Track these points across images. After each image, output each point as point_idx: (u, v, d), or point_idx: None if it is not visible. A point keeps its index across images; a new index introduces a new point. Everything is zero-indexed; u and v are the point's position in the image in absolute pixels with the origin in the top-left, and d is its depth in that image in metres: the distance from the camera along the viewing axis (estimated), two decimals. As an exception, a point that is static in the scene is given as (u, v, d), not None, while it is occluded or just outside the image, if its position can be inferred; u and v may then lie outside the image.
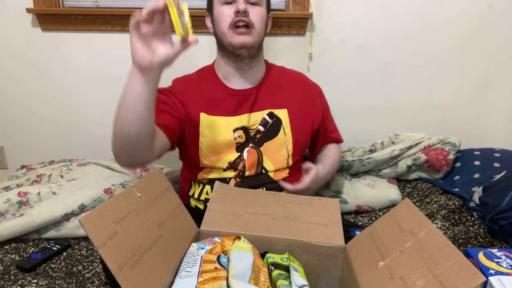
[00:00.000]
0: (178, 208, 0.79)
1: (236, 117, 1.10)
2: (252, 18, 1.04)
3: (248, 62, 1.11)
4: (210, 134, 1.08)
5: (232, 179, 1.09)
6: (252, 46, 1.06)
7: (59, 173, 1.43)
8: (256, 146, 1.10)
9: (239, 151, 1.09)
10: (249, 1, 1.05)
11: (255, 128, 1.11)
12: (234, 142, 1.09)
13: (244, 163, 1.09)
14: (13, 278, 0.94)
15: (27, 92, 1.69)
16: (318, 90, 1.25)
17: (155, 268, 0.63)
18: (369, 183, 1.39)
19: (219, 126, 1.09)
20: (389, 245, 0.68)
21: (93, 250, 1.09)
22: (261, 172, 1.10)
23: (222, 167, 1.09)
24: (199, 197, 1.12)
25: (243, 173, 1.09)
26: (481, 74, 1.55)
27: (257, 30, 1.06)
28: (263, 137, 1.11)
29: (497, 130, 1.62)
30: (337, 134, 1.30)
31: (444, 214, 1.22)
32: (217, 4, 1.07)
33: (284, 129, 1.12)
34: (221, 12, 1.05)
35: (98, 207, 0.58)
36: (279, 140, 1.12)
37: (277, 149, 1.11)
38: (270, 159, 1.11)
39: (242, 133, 1.10)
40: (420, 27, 1.50)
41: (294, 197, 0.92)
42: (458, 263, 0.53)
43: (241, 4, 1.02)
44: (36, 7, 1.56)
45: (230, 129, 1.09)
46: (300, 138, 1.15)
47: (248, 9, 1.03)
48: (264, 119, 1.12)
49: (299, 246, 0.79)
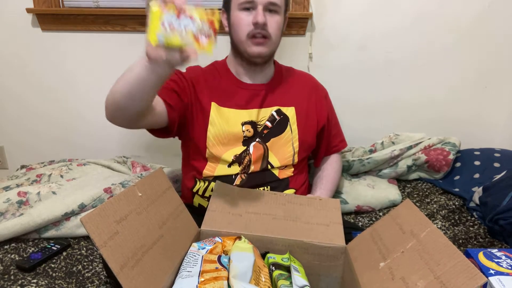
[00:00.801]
0: (179, 208, 0.79)
1: (245, 110, 1.11)
2: (270, 29, 1.04)
3: (260, 65, 1.13)
4: (220, 123, 1.09)
5: (238, 176, 1.09)
6: (267, 55, 1.09)
7: (59, 173, 1.43)
8: (262, 141, 1.12)
9: (245, 145, 1.10)
10: (268, 8, 1.04)
11: (263, 123, 1.12)
12: (241, 135, 1.10)
13: (250, 157, 1.10)
14: (13, 278, 0.93)
15: (27, 93, 1.69)
16: (324, 92, 1.26)
17: (156, 268, 0.63)
18: (369, 183, 1.39)
19: (228, 117, 1.10)
20: (390, 245, 0.68)
21: (93, 249, 1.09)
22: (266, 168, 1.11)
23: (228, 160, 1.09)
24: (203, 194, 1.12)
25: (248, 167, 1.10)
26: (482, 73, 1.55)
27: (273, 40, 1.07)
28: (270, 133, 1.12)
29: (497, 130, 1.63)
30: (339, 140, 1.30)
31: (444, 214, 1.22)
32: (235, 8, 1.06)
33: (291, 127, 1.14)
34: (239, 19, 1.04)
35: (99, 206, 0.58)
36: (285, 137, 1.13)
37: (283, 146, 1.13)
38: (276, 155, 1.12)
39: (250, 127, 1.11)
40: (420, 26, 1.50)
41: (295, 197, 0.92)
42: (459, 264, 0.54)
43: (260, 17, 1.01)
44: (36, 7, 1.55)
45: (239, 122, 1.10)
46: (306, 136, 1.16)
47: (267, 21, 1.03)
48: (272, 115, 1.13)
49: (299, 247, 0.79)
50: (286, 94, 1.16)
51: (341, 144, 1.30)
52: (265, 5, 1.03)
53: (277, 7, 1.05)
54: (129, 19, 1.55)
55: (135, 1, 1.57)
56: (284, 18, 1.12)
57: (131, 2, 1.57)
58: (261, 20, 1.01)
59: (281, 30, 1.11)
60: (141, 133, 1.67)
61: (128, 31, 1.57)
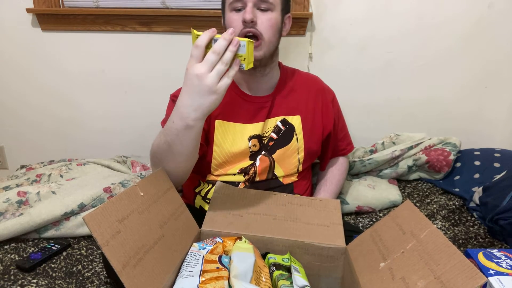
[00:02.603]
0: (180, 208, 0.79)
1: (251, 124, 1.07)
2: (260, 27, 0.97)
3: (260, 70, 1.07)
4: (225, 143, 1.05)
5: (241, 183, 1.08)
6: (261, 58, 1.01)
7: (58, 173, 1.43)
8: (268, 153, 1.08)
9: (252, 159, 1.08)
10: (259, 7, 0.98)
11: (268, 135, 1.09)
12: (248, 151, 1.07)
13: (255, 169, 1.07)
14: (13, 278, 0.93)
15: (27, 93, 1.69)
16: (331, 95, 1.22)
17: (157, 267, 0.63)
18: (369, 184, 1.39)
19: (234, 133, 1.06)
20: (390, 246, 0.68)
21: (93, 249, 1.09)
22: (271, 178, 1.10)
23: (233, 172, 1.07)
24: (205, 196, 1.10)
25: (253, 178, 1.08)
26: (482, 73, 1.55)
27: (267, 40, 0.99)
28: (275, 144, 1.09)
29: (497, 130, 1.63)
30: (346, 143, 1.28)
31: (444, 215, 1.22)
32: (227, 9, 1.01)
33: (297, 136, 1.11)
34: (230, 20, 1.00)
35: (101, 205, 0.58)
36: (291, 148, 1.10)
37: (289, 157, 1.10)
38: (281, 166, 1.10)
39: (256, 141, 1.07)
40: (420, 26, 1.51)
41: (295, 197, 0.93)
42: (459, 264, 0.54)
43: (248, 14, 0.95)
44: (36, 7, 1.55)
45: (245, 137, 1.06)
46: (312, 145, 1.13)
47: (256, 18, 0.97)
48: (277, 126, 1.09)
49: (300, 247, 0.79)
50: (291, 102, 1.12)
51: (348, 147, 1.29)
52: (255, 2, 0.97)
53: (269, 4, 0.98)
54: (129, 19, 1.55)
55: (135, 1, 1.57)
56: (283, 17, 1.05)
57: (131, 2, 1.57)
58: (248, 16, 0.94)
59: (278, 29, 1.03)
60: (141, 133, 1.68)
61: (128, 31, 1.58)
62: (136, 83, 1.65)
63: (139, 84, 1.65)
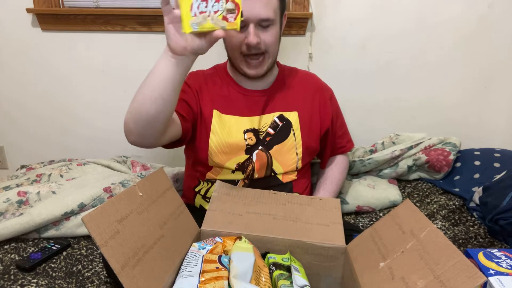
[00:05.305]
0: (180, 208, 0.79)
1: (247, 118, 1.09)
2: (264, 45, 1.00)
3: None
4: (221, 132, 1.07)
5: (240, 181, 1.09)
6: (267, 70, 1.06)
7: (58, 173, 1.43)
8: (265, 149, 1.09)
9: (248, 154, 1.08)
10: (261, 25, 0.98)
11: (265, 130, 1.09)
12: (244, 143, 1.07)
13: (253, 165, 1.08)
14: (13, 278, 0.93)
15: (27, 92, 1.69)
16: (329, 93, 1.22)
17: (156, 268, 0.63)
18: (369, 184, 1.39)
19: (230, 125, 1.07)
20: (390, 245, 0.68)
21: (92, 249, 1.09)
22: (270, 175, 1.10)
23: (231, 167, 1.08)
24: (205, 195, 1.11)
25: (252, 175, 1.08)
26: (481, 74, 1.55)
27: (271, 53, 1.03)
28: (273, 140, 1.10)
29: (497, 130, 1.63)
30: (346, 140, 1.28)
31: (444, 214, 1.22)
32: None
33: (294, 132, 1.11)
34: (230, 36, 0.99)
35: (100, 206, 0.58)
36: (289, 143, 1.10)
37: (287, 152, 1.10)
38: (280, 162, 1.10)
39: (252, 135, 1.08)
40: (420, 26, 1.51)
41: (295, 197, 0.93)
42: (459, 263, 0.54)
43: (252, 37, 0.96)
44: (36, 7, 1.55)
45: (241, 130, 1.08)
46: (310, 141, 1.13)
47: (260, 39, 0.98)
48: (274, 121, 1.10)
49: (300, 247, 0.79)
50: (288, 98, 1.13)
51: (348, 144, 1.29)
52: (257, 22, 0.97)
53: (270, 21, 0.98)
54: (129, 19, 1.55)
55: (135, 1, 1.57)
56: (281, 22, 1.06)
57: (131, 2, 1.57)
58: (253, 41, 0.96)
59: (279, 37, 1.05)
60: (141, 133, 1.68)
61: (128, 31, 1.58)
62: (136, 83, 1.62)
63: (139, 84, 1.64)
